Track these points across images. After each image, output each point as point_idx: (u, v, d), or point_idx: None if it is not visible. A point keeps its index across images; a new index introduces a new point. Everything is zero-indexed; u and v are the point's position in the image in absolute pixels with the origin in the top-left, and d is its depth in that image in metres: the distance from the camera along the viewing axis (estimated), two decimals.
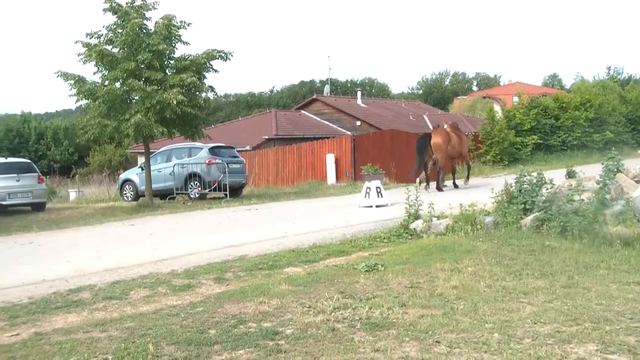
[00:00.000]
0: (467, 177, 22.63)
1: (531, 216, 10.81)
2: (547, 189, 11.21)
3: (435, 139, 20.45)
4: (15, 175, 20.93)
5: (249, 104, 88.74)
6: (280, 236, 12.11)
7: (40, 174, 22.31)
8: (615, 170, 12.06)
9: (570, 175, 16.72)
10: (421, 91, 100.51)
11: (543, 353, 5.27)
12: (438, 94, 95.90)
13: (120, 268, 9.63)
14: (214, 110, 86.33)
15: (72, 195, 33.04)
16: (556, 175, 18.52)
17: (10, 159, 24.08)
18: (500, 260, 8.81)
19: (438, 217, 11.88)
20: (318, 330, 6.14)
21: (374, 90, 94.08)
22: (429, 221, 11.53)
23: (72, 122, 61.98)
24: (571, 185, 11.71)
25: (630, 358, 5.23)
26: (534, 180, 11.46)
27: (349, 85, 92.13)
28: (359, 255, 9.91)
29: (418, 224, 11.61)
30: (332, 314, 6.63)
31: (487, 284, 7.64)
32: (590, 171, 16.39)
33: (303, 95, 60.96)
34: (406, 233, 11.54)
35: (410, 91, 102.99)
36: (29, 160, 24.38)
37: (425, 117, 49.21)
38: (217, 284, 8.42)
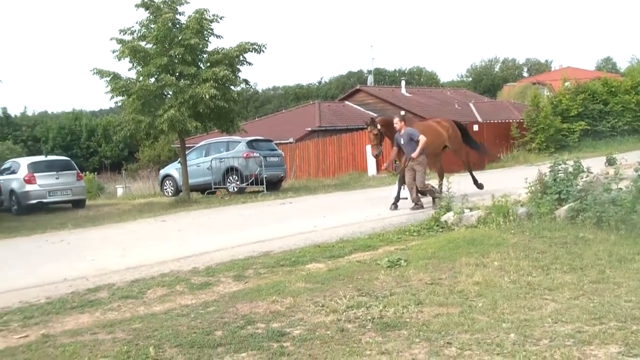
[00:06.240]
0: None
1: (566, 206, 10.30)
2: (583, 178, 10.68)
3: None
4: (55, 173, 21.16)
5: (297, 96, 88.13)
6: (309, 231, 11.85)
7: (79, 172, 22.49)
8: None
9: (610, 162, 16.06)
10: (470, 79, 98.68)
11: (559, 356, 4.92)
12: (487, 81, 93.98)
13: (142, 266, 9.53)
14: (262, 103, 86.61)
15: (119, 191, 33.39)
16: (600, 163, 17.89)
17: (50, 157, 24.45)
18: (529, 254, 8.41)
19: (471, 209, 11.45)
20: (327, 331, 5.90)
21: (422, 79, 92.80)
22: (460, 213, 11.12)
23: (108, 120, 62.39)
24: (608, 173, 11.15)
25: None
26: (570, 169, 10.94)
27: (397, 74, 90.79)
28: (385, 250, 9.60)
29: (449, 216, 11.20)
30: (345, 313, 6.39)
31: (512, 280, 7.27)
32: (637, 158, 15.68)
33: (351, 86, 60.36)
34: (437, 226, 11.14)
35: (459, 79, 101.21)
36: (68, 158, 24.55)
37: (471, 105, 48.31)
38: (235, 282, 8.24)
